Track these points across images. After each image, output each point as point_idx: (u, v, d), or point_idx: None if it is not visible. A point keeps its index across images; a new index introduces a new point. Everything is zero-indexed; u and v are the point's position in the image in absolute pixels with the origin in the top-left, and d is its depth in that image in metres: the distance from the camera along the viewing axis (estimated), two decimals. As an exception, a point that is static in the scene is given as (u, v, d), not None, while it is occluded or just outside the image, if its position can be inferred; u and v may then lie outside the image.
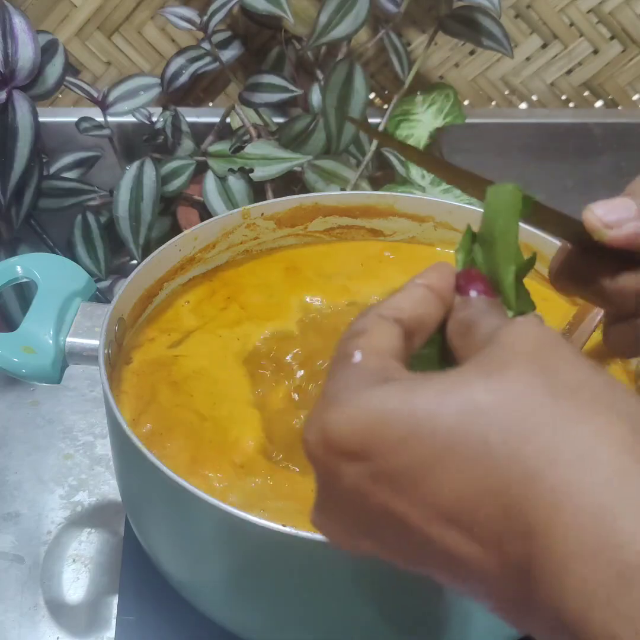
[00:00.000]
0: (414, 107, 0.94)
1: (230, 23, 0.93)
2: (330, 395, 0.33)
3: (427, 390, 0.31)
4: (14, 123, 0.77)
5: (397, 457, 0.31)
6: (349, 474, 0.32)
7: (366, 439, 0.31)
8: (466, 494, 0.30)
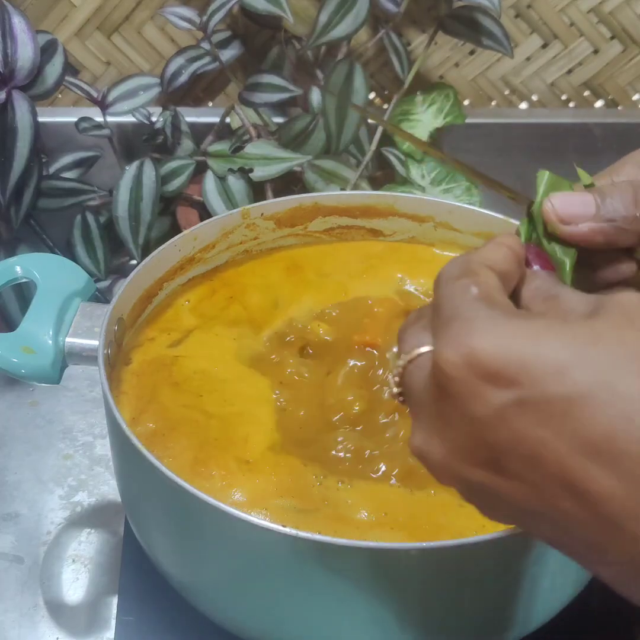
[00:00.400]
0: (414, 107, 0.94)
1: (230, 23, 0.93)
2: (471, 322, 0.34)
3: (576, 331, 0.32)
4: (14, 123, 0.77)
5: (551, 387, 0.31)
6: (492, 397, 0.32)
7: (521, 367, 0.32)
8: (616, 430, 0.30)
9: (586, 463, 0.31)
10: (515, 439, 0.32)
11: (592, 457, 0.31)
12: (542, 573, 0.50)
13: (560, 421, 0.31)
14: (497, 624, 0.53)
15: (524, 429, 0.32)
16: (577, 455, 0.31)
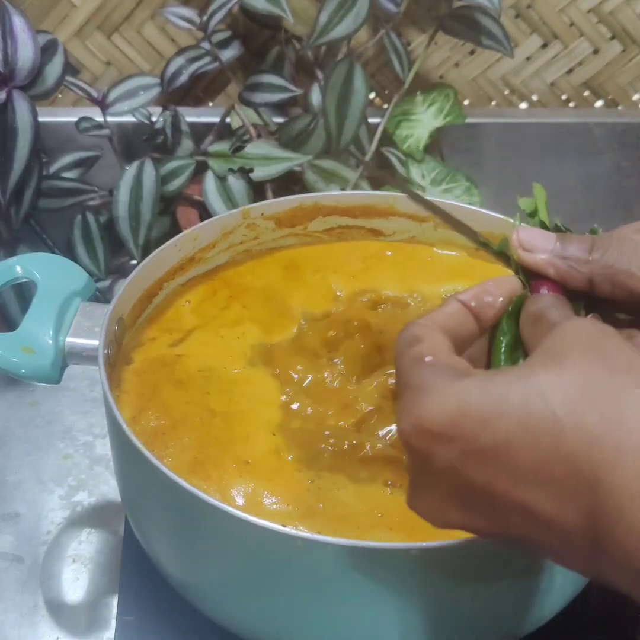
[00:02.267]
0: (414, 107, 0.94)
1: (230, 23, 0.93)
2: (416, 391, 0.39)
3: (500, 380, 0.37)
4: (14, 123, 0.77)
5: (481, 436, 0.37)
6: (441, 454, 0.38)
7: (455, 423, 0.37)
8: (542, 461, 0.36)
9: (526, 490, 0.36)
10: (469, 483, 0.38)
11: (529, 485, 0.36)
12: (542, 573, 0.50)
13: (495, 462, 0.37)
14: (497, 624, 0.53)
15: (472, 473, 0.38)
16: (518, 485, 0.37)
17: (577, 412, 0.35)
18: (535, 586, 0.51)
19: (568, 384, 0.36)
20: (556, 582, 0.53)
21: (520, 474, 0.36)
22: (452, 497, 0.39)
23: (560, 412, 0.35)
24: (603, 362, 0.36)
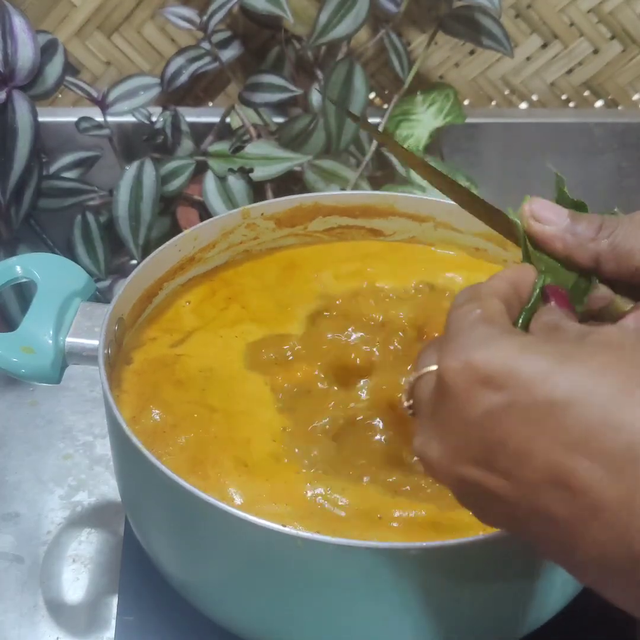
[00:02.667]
0: (414, 107, 0.94)
1: (230, 23, 0.93)
2: (471, 337, 0.38)
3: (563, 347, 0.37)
4: (14, 123, 0.77)
5: (536, 392, 0.35)
6: (486, 399, 0.36)
7: (511, 372, 0.36)
8: (596, 429, 0.34)
9: (568, 456, 0.35)
10: (504, 437, 0.36)
11: (573, 452, 0.35)
12: (542, 573, 0.51)
13: (544, 421, 0.35)
14: (497, 624, 0.53)
15: (511, 428, 0.36)
16: (560, 450, 0.35)
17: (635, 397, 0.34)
18: (536, 586, 0.51)
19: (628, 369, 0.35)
20: (556, 582, 0.53)
21: (569, 436, 0.35)
22: (476, 448, 0.37)
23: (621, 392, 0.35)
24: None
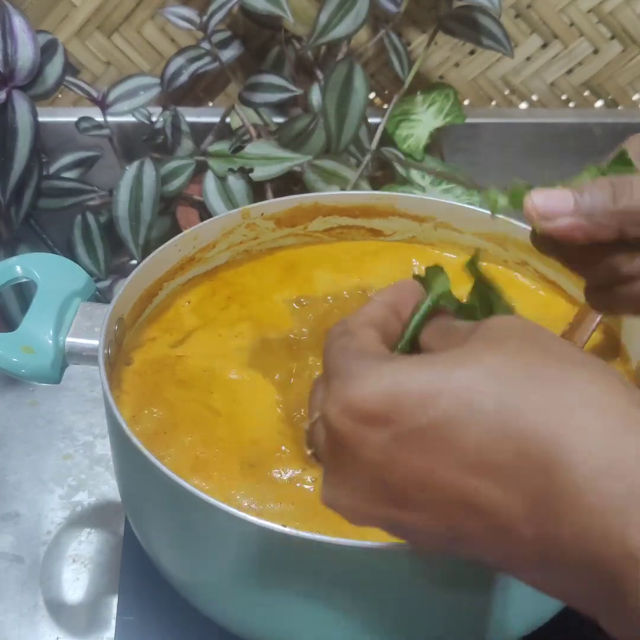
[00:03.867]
0: (414, 107, 0.94)
1: (230, 23, 0.93)
2: (346, 376, 0.36)
3: (437, 360, 0.35)
4: (14, 123, 0.77)
5: (419, 415, 0.34)
6: (374, 439, 0.35)
7: (389, 404, 0.34)
8: (484, 444, 0.33)
9: (469, 479, 0.34)
10: (404, 472, 0.35)
11: (472, 473, 0.33)
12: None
13: (435, 447, 0.34)
14: (497, 623, 0.53)
15: (408, 462, 0.34)
16: (459, 474, 0.34)
17: (526, 394, 0.33)
18: (535, 586, 0.51)
19: (513, 367, 0.34)
20: (556, 582, 0.53)
21: (462, 458, 0.33)
22: (380, 490, 0.36)
23: (507, 392, 0.33)
24: (543, 349, 0.35)
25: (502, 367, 0.34)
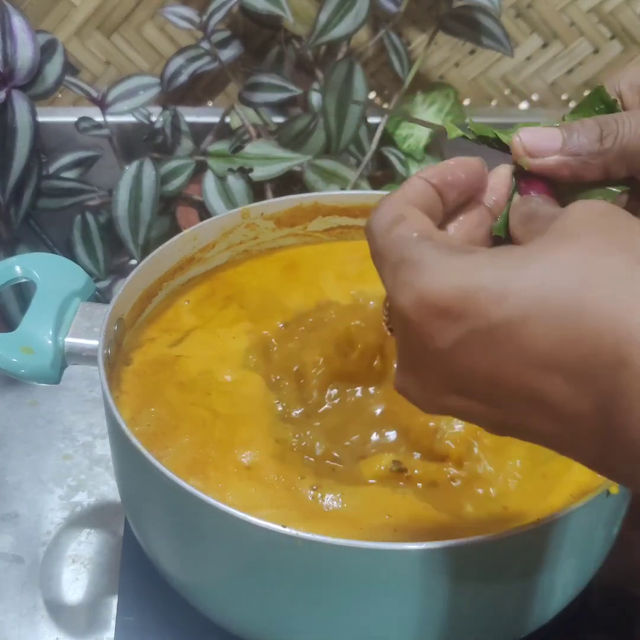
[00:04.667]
0: (414, 107, 0.94)
1: (230, 22, 0.93)
2: (417, 265, 0.36)
3: (514, 256, 0.35)
4: (13, 123, 0.77)
5: (494, 312, 0.34)
6: (447, 331, 0.35)
7: (465, 297, 0.34)
8: (561, 341, 0.33)
9: (536, 375, 0.34)
10: (473, 366, 0.35)
11: (544, 370, 0.34)
12: (542, 573, 0.50)
13: (507, 343, 0.34)
14: (497, 624, 0.53)
15: (478, 356, 0.35)
16: (528, 370, 0.34)
17: (600, 288, 0.33)
18: (536, 586, 0.51)
19: (589, 261, 0.33)
20: (557, 582, 0.53)
21: (535, 355, 0.34)
22: (450, 380, 0.36)
23: (583, 288, 0.33)
24: (621, 241, 0.34)
25: (579, 263, 0.34)
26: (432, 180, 0.41)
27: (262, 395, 0.58)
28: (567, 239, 0.35)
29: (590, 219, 0.36)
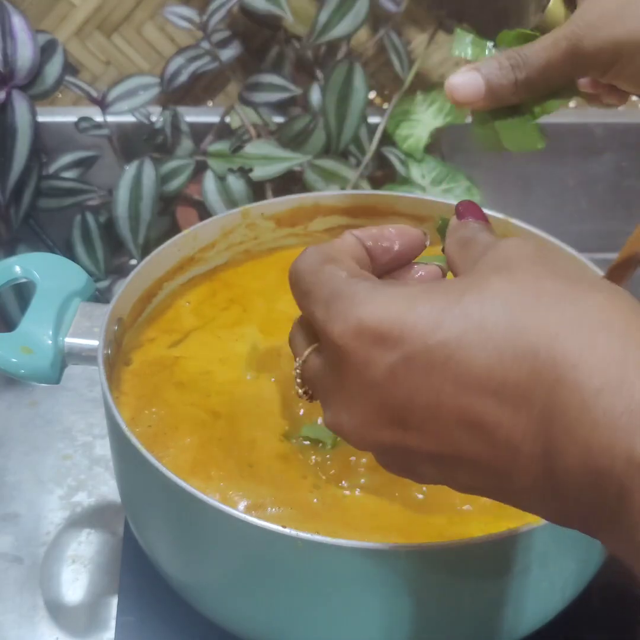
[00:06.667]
0: (414, 107, 0.94)
1: (230, 22, 0.93)
2: (353, 297, 0.36)
3: (449, 287, 0.36)
4: (13, 123, 0.77)
5: (431, 337, 0.34)
6: (382, 359, 0.35)
7: (402, 324, 0.35)
8: (494, 364, 0.34)
9: (474, 399, 0.34)
10: (409, 393, 0.35)
11: (480, 393, 0.34)
12: (542, 574, 0.50)
13: (443, 367, 0.34)
14: (497, 624, 0.53)
15: (415, 382, 0.35)
16: (465, 393, 0.34)
17: (536, 313, 0.34)
18: (536, 587, 0.51)
19: (523, 288, 0.35)
20: (556, 582, 0.53)
21: (470, 378, 0.34)
22: (385, 411, 0.36)
23: (518, 311, 0.34)
24: (554, 272, 0.35)
25: (512, 292, 0.34)
26: (366, 242, 0.41)
27: (262, 396, 0.58)
28: (501, 270, 0.36)
29: (523, 251, 0.37)
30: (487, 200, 0.90)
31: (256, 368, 0.60)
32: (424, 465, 0.37)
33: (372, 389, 0.36)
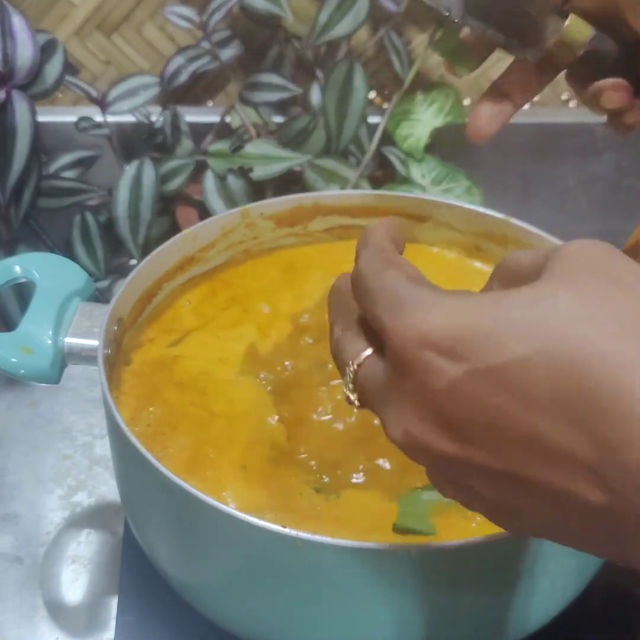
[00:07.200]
0: (414, 107, 0.94)
1: (230, 22, 0.93)
2: (418, 305, 0.36)
3: (516, 301, 0.34)
4: (13, 122, 0.77)
5: (496, 355, 0.34)
6: (447, 370, 0.34)
7: (468, 338, 0.34)
8: (560, 387, 0.33)
9: (542, 421, 0.33)
10: (472, 408, 0.34)
11: (546, 415, 0.33)
12: (542, 574, 0.50)
13: (510, 388, 0.33)
14: (497, 624, 0.53)
15: (479, 399, 0.34)
16: (533, 415, 0.33)
17: (605, 335, 0.33)
18: (536, 587, 0.51)
19: (588, 306, 0.33)
20: (556, 582, 0.53)
21: (537, 399, 0.33)
22: (447, 423, 0.35)
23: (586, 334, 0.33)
24: (615, 283, 0.34)
25: (578, 306, 0.34)
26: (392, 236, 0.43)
27: (260, 396, 0.58)
28: (565, 280, 0.35)
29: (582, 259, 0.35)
30: (487, 200, 0.90)
31: (255, 369, 0.60)
32: (481, 482, 0.36)
33: (435, 398, 0.35)
